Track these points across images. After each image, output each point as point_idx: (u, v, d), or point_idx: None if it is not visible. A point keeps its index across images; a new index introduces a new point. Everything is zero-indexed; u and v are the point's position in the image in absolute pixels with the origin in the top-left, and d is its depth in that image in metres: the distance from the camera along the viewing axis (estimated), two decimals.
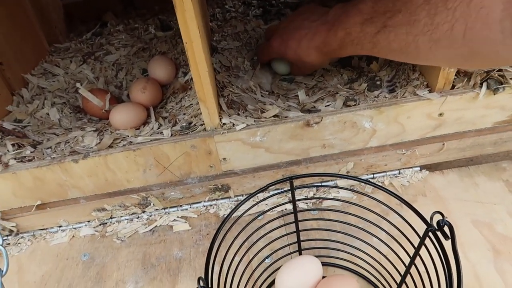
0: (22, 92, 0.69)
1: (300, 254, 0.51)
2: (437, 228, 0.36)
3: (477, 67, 0.52)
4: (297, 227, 0.49)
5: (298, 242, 0.50)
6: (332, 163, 0.59)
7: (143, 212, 0.61)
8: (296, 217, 0.48)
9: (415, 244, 0.41)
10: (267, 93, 0.63)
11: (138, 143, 0.55)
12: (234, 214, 0.44)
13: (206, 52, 0.49)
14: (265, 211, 0.51)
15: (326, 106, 0.57)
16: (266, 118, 0.55)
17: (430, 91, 0.54)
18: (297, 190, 0.51)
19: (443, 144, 0.58)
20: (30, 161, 0.55)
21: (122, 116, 0.60)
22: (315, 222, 0.55)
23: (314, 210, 0.58)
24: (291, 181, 0.46)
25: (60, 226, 0.61)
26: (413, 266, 0.42)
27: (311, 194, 0.61)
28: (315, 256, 0.48)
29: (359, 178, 0.47)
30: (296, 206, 0.47)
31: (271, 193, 0.49)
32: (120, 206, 0.59)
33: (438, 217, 0.36)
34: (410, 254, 0.42)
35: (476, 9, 0.32)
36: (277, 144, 0.56)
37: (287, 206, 0.59)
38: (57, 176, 0.55)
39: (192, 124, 0.57)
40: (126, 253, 0.57)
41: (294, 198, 0.47)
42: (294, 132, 0.55)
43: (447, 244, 0.35)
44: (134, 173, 0.56)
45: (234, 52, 0.72)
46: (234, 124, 0.54)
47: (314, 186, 0.60)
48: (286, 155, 0.58)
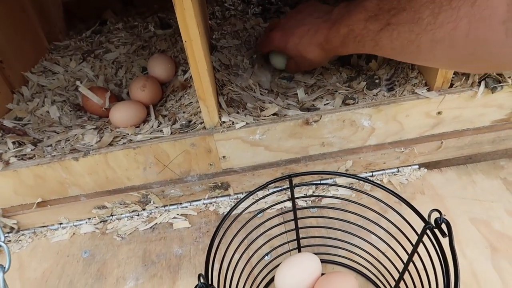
0: (22, 90, 0.69)
1: (299, 251, 0.51)
2: (434, 225, 0.37)
3: (475, 70, 0.52)
4: (296, 225, 0.49)
5: (298, 239, 0.50)
6: (331, 161, 0.59)
7: (143, 209, 0.61)
8: (295, 214, 0.48)
9: (413, 241, 0.41)
10: (267, 91, 0.63)
11: (138, 141, 0.55)
12: (234, 212, 0.44)
13: (205, 50, 0.49)
14: (264, 209, 0.52)
15: (325, 105, 0.57)
16: (265, 116, 0.55)
17: (429, 90, 0.55)
18: (296, 188, 0.52)
19: (442, 142, 0.58)
20: (30, 158, 0.55)
21: (122, 114, 0.60)
22: (314, 220, 0.55)
23: (313, 208, 0.58)
24: (290, 179, 0.46)
25: (60, 224, 0.61)
26: (411, 263, 0.42)
27: (310, 192, 0.61)
28: (314, 253, 0.48)
29: (358, 176, 0.47)
30: (295, 203, 0.48)
31: (271, 191, 0.49)
32: (120, 204, 0.60)
33: (435, 215, 0.37)
34: (408, 251, 0.42)
35: (480, 9, 0.32)
36: (276, 142, 0.56)
37: (286, 204, 0.59)
38: (57, 174, 0.55)
39: (191, 122, 0.58)
40: (126, 250, 0.57)
41: (293, 196, 0.47)
42: (293, 130, 0.55)
43: (445, 241, 0.36)
44: (134, 171, 0.57)
45: (234, 50, 0.73)
46: (233, 122, 0.55)
47: (313, 184, 0.61)
48: (285, 153, 0.58)
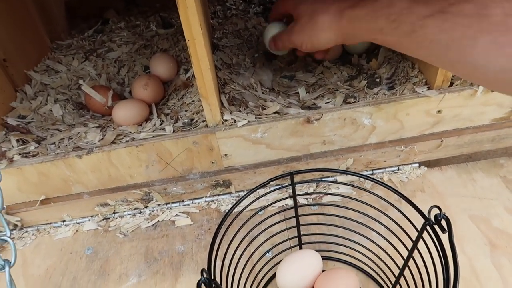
0: (26, 88, 0.70)
1: (300, 248, 0.52)
2: (434, 222, 0.37)
3: None
4: (297, 222, 0.50)
5: (299, 236, 0.51)
6: (332, 160, 0.59)
7: (146, 207, 0.62)
8: (296, 211, 0.49)
9: (413, 238, 0.42)
10: (268, 90, 0.64)
11: (141, 139, 0.56)
12: (235, 209, 0.45)
13: (207, 49, 0.50)
14: (265, 206, 0.52)
15: (326, 103, 0.58)
16: (267, 114, 0.56)
17: (429, 88, 0.55)
18: (297, 185, 0.52)
19: (442, 140, 0.59)
20: (34, 156, 0.56)
21: (125, 112, 0.60)
22: (315, 217, 0.56)
23: (314, 205, 0.58)
24: (292, 176, 0.47)
25: (63, 221, 0.62)
26: (411, 259, 0.43)
27: (311, 190, 0.62)
28: (315, 250, 0.49)
29: (360, 173, 0.47)
30: (296, 201, 0.48)
31: (272, 188, 0.49)
32: (123, 201, 0.60)
33: (435, 211, 0.37)
34: (408, 247, 0.43)
35: None
36: (277, 140, 0.56)
37: (287, 202, 0.60)
38: (61, 171, 0.55)
39: (194, 120, 0.58)
40: (129, 247, 0.58)
41: (295, 193, 0.48)
42: (295, 128, 0.55)
43: (444, 237, 0.36)
44: (136, 168, 0.57)
45: (235, 49, 0.73)
46: (235, 120, 0.55)
47: (315, 181, 0.61)
48: (286, 152, 0.58)
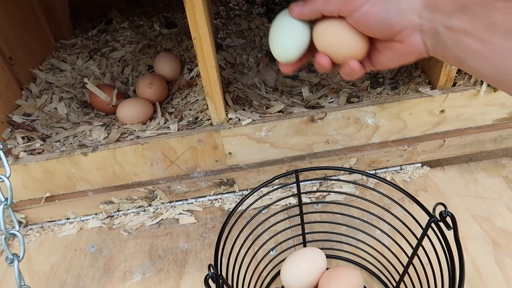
0: (31, 86, 0.70)
1: (304, 246, 0.52)
2: (439, 219, 0.37)
3: None
4: (302, 220, 0.50)
5: (303, 234, 0.51)
6: (335, 159, 0.60)
7: (150, 205, 0.62)
8: (301, 209, 0.49)
9: (418, 235, 0.42)
10: (272, 89, 0.64)
11: (146, 137, 0.56)
12: (240, 208, 0.45)
13: (213, 48, 0.50)
14: (269, 205, 0.52)
15: (329, 103, 0.58)
16: (271, 113, 0.56)
17: (432, 88, 0.56)
18: (301, 184, 0.52)
19: (444, 140, 0.59)
20: (40, 153, 0.56)
21: (130, 111, 0.61)
22: (319, 215, 0.56)
23: (317, 203, 0.59)
24: (297, 174, 0.47)
25: (68, 219, 0.62)
26: (415, 257, 0.43)
27: (315, 189, 0.62)
28: (319, 248, 0.49)
29: (364, 171, 0.48)
30: (301, 198, 0.49)
31: (276, 186, 0.50)
32: (127, 199, 0.60)
33: (440, 209, 0.37)
34: (413, 245, 0.43)
35: None
36: (282, 139, 0.57)
37: (291, 200, 0.60)
38: (66, 168, 0.56)
39: (198, 119, 0.58)
40: (133, 245, 0.58)
41: (300, 191, 0.48)
42: (299, 127, 0.56)
43: (449, 234, 0.37)
44: (141, 166, 0.57)
45: (239, 49, 0.74)
46: (240, 119, 0.55)
47: (319, 180, 0.61)
48: (290, 150, 0.59)
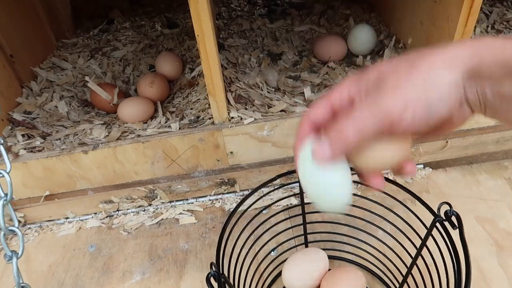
0: (31, 85, 0.69)
1: (306, 246, 0.51)
2: (444, 218, 0.37)
3: None
4: (304, 220, 0.49)
5: (305, 234, 0.50)
6: None
7: (150, 205, 0.62)
8: (303, 209, 0.49)
9: (422, 235, 0.41)
10: (273, 89, 0.64)
11: (147, 136, 0.56)
12: (240, 208, 0.44)
13: (215, 46, 0.50)
14: (270, 204, 0.52)
15: None
16: (273, 112, 0.56)
17: None
18: None
19: (447, 142, 0.59)
20: (40, 151, 0.55)
21: (131, 109, 0.60)
22: (321, 215, 0.55)
23: None
24: None
25: (67, 218, 0.61)
26: (419, 257, 0.42)
27: None
28: (321, 249, 0.48)
29: None
30: (304, 198, 0.48)
31: (277, 186, 0.49)
32: (127, 199, 0.60)
33: (445, 208, 0.37)
34: (417, 246, 0.42)
35: None
36: (283, 138, 0.56)
37: (292, 200, 0.59)
38: (66, 166, 0.55)
39: (200, 118, 0.58)
40: (133, 244, 0.57)
41: (302, 190, 0.47)
42: None
43: (454, 234, 0.36)
44: (142, 165, 0.57)
45: (240, 49, 0.74)
46: (242, 118, 0.55)
47: None
48: (292, 150, 0.58)
